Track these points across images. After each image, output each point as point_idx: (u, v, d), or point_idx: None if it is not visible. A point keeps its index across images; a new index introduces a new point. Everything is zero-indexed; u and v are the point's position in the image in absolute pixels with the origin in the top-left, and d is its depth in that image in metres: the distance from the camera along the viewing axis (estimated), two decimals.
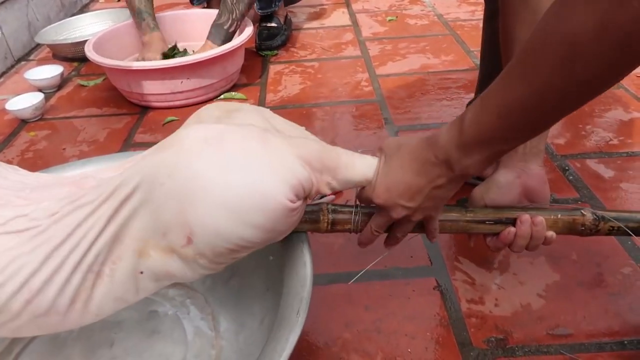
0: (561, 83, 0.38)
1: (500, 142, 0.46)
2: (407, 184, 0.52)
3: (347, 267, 0.78)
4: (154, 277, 0.48)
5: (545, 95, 0.39)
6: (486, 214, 0.60)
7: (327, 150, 0.51)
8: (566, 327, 0.67)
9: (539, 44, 0.38)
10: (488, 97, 0.44)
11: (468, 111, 0.47)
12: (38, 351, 0.63)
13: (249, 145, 0.46)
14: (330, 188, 0.52)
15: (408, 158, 0.52)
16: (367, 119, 1.19)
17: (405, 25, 1.75)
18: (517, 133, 0.45)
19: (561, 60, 0.37)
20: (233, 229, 0.44)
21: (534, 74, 0.39)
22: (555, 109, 0.41)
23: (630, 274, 0.74)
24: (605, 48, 0.34)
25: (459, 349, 0.65)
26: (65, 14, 2.00)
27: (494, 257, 0.79)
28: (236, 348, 0.62)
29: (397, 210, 0.53)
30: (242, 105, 0.61)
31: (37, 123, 1.28)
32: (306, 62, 1.52)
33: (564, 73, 0.37)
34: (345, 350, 0.66)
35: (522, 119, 0.43)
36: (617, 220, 0.60)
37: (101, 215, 0.45)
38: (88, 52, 1.31)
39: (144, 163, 0.46)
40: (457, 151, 0.48)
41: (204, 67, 1.26)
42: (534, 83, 0.39)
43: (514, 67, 0.42)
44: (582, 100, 0.40)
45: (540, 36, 0.38)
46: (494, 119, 0.44)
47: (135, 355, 0.62)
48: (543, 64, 0.38)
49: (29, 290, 0.45)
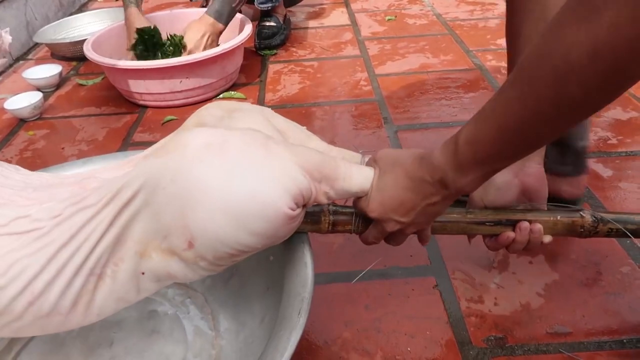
0: (555, 102, 0.39)
1: (496, 160, 0.47)
2: (401, 200, 0.52)
3: (346, 267, 0.78)
4: (155, 277, 0.49)
5: (540, 114, 0.40)
6: (486, 216, 0.60)
7: (326, 160, 0.52)
8: (565, 326, 0.67)
9: (534, 64, 0.39)
10: (483, 116, 0.45)
11: (462, 131, 0.47)
12: (38, 350, 0.63)
13: (251, 153, 0.46)
14: (328, 198, 0.52)
15: (402, 175, 0.52)
16: (367, 119, 1.19)
17: (404, 24, 1.75)
18: (513, 151, 0.46)
19: (555, 80, 0.37)
20: (233, 235, 0.45)
21: (529, 92, 0.40)
22: (549, 127, 0.42)
23: (629, 273, 0.74)
24: (599, 70, 0.35)
25: (459, 348, 0.65)
26: (63, 13, 1.99)
27: (493, 257, 0.79)
28: (236, 348, 0.62)
29: (391, 224, 0.55)
30: (243, 104, 0.61)
31: (35, 122, 1.28)
32: (305, 61, 1.52)
33: (557, 93, 0.38)
34: (344, 349, 0.66)
35: (517, 137, 0.43)
36: (616, 222, 0.60)
37: (103, 218, 0.46)
38: (87, 51, 1.31)
39: (146, 166, 0.46)
40: (452, 171, 0.48)
41: (203, 66, 1.26)
42: (529, 101, 0.40)
43: (510, 86, 0.42)
44: (575, 119, 0.41)
45: (536, 55, 0.39)
46: (490, 137, 0.44)
47: (135, 354, 0.62)
48: (538, 83, 0.39)
49: (31, 293, 0.45)
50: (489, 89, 1.28)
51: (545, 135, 0.43)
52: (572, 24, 0.35)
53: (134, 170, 0.46)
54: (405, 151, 0.55)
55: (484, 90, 1.28)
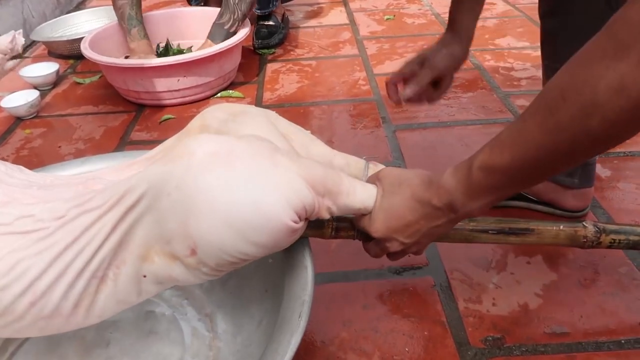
0: (576, 136, 0.39)
1: (508, 187, 0.47)
2: (407, 222, 0.53)
3: (344, 267, 0.78)
4: (156, 280, 0.49)
5: (559, 146, 0.41)
6: (489, 224, 0.60)
7: (330, 175, 0.52)
8: (563, 327, 0.67)
9: (558, 96, 0.39)
10: (499, 144, 0.45)
11: (476, 157, 0.48)
12: (33, 350, 0.63)
13: (257, 164, 0.47)
14: (330, 213, 0.53)
15: (409, 197, 0.52)
16: (365, 118, 1.19)
17: (402, 24, 1.75)
18: (527, 179, 0.47)
19: (579, 114, 0.38)
20: (236, 245, 0.45)
21: (551, 124, 0.40)
22: (567, 159, 0.42)
23: (627, 273, 0.74)
24: (624, 106, 0.35)
25: (457, 348, 0.65)
26: (60, 11, 1.99)
27: (491, 257, 0.79)
28: (234, 350, 0.62)
29: (394, 244, 0.55)
30: (247, 107, 0.60)
31: (32, 121, 1.27)
32: (303, 60, 1.52)
33: (580, 127, 0.38)
34: (342, 349, 0.66)
35: (533, 167, 0.44)
36: (619, 233, 0.60)
37: (107, 222, 0.46)
38: (84, 49, 1.30)
39: (151, 171, 0.46)
40: (462, 196, 0.49)
41: (201, 65, 1.25)
42: (549, 133, 0.41)
43: (530, 116, 0.43)
44: (595, 152, 0.42)
45: (560, 88, 0.40)
46: (505, 165, 0.45)
47: (131, 355, 0.62)
48: (560, 115, 0.39)
49: (33, 293, 0.45)
50: (487, 88, 1.28)
51: (561, 165, 0.44)
52: (600, 59, 0.36)
53: (138, 175, 0.47)
54: (410, 171, 0.55)
55: (482, 90, 1.28)
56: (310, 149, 0.61)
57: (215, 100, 1.33)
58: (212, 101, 1.33)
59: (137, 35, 1.37)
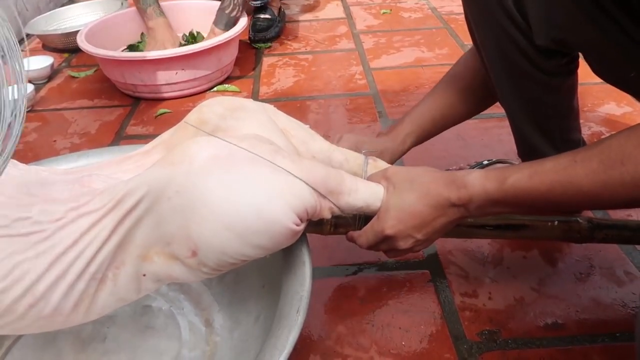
0: (620, 196, 0.42)
1: (529, 208, 0.50)
2: (423, 217, 0.54)
3: (341, 261, 0.78)
4: (156, 278, 0.49)
5: (599, 197, 0.44)
6: (487, 219, 0.61)
7: (332, 174, 0.52)
8: (559, 320, 0.68)
9: (617, 158, 0.42)
10: (541, 172, 0.48)
11: (512, 174, 0.49)
12: (29, 345, 0.62)
13: (257, 168, 0.47)
14: (332, 212, 0.53)
15: (424, 193, 0.53)
16: (361, 112, 1.19)
17: (399, 18, 1.75)
18: (549, 209, 0.50)
19: (631, 182, 0.41)
20: (238, 248, 0.46)
21: (599, 179, 0.43)
22: (596, 206, 0.47)
23: (621, 267, 0.75)
24: None
25: (453, 342, 0.65)
26: (55, 4, 1.97)
27: (487, 251, 0.79)
28: (231, 345, 0.62)
29: (408, 240, 0.56)
30: (245, 101, 0.60)
31: (26, 115, 1.26)
32: (300, 54, 1.52)
33: (627, 192, 0.42)
34: (339, 344, 0.66)
35: (562, 202, 0.47)
36: (612, 228, 0.61)
37: (106, 224, 0.46)
38: (81, 42, 1.29)
39: (151, 174, 0.46)
40: (484, 202, 0.51)
41: (199, 57, 1.25)
42: (593, 185, 0.44)
43: (582, 162, 0.45)
44: (619, 208, 0.47)
45: (623, 152, 0.42)
46: (539, 193, 0.47)
47: (128, 350, 0.62)
48: (615, 176, 0.42)
49: (32, 295, 0.45)
50: None
51: (584, 208, 0.48)
52: None
53: (137, 177, 0.46)
54: (420, 169, 0.56)
55: None
56: (310, 145, 0.61)
57: (211, 94, 1.32)
58: (208, 95, 1.32)
59: (154, 13, 1.40)
